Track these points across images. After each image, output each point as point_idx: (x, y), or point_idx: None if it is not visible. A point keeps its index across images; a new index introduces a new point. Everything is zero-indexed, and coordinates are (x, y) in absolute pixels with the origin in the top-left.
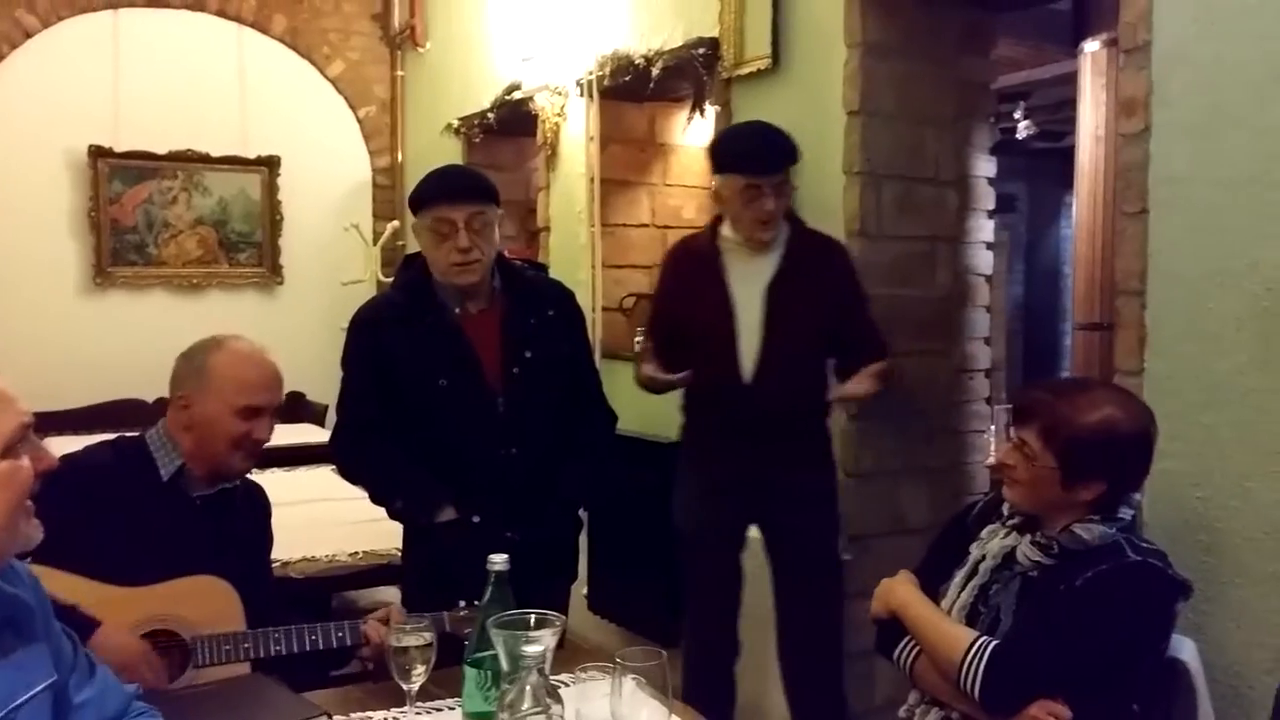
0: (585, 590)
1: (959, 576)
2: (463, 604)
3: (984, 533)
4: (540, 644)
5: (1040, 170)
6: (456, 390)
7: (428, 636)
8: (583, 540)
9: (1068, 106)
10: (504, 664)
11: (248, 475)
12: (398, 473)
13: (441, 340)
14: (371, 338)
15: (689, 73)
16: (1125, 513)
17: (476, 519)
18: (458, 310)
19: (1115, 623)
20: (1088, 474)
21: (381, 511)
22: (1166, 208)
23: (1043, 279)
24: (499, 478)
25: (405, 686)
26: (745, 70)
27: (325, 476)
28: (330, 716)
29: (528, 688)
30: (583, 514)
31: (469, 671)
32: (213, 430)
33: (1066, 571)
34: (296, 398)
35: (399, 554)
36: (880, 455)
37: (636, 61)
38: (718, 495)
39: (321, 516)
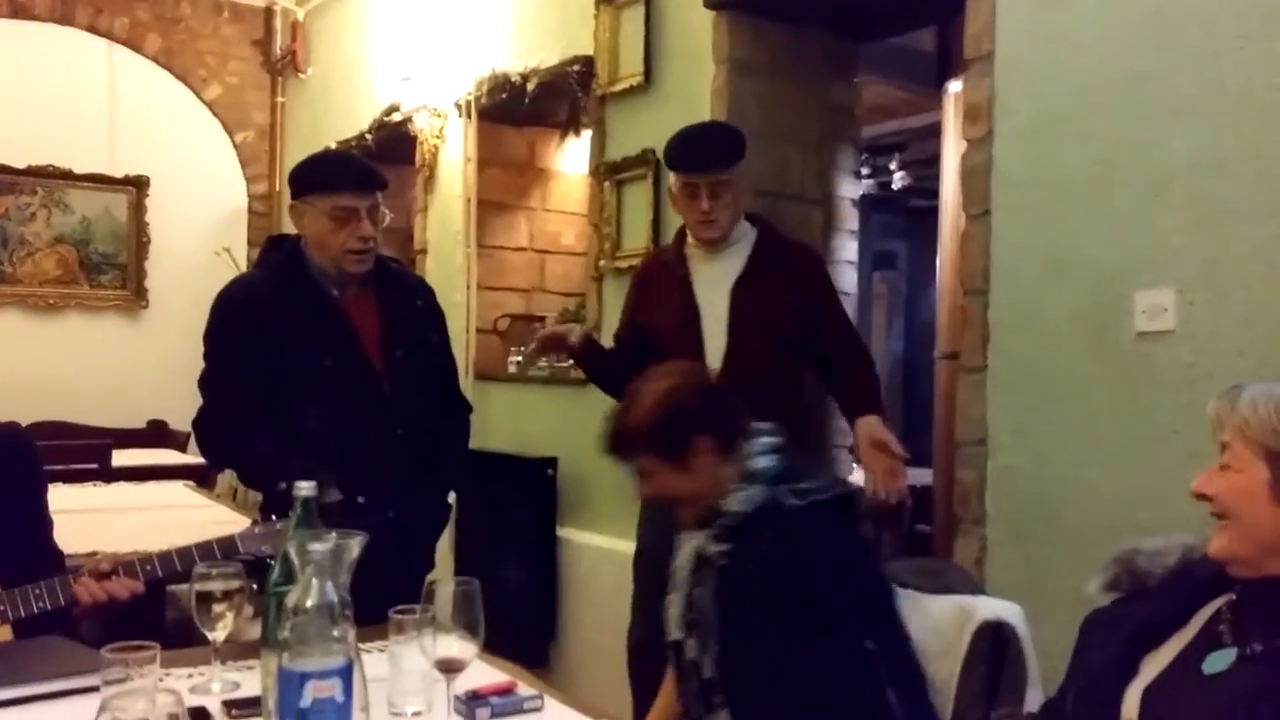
0: None
1: (670, 595)
2: (257, 520)
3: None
4: (328, 544)
5: (919, 229)
6: (342, 372)
7: (234, 583)
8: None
9: (940, 162)
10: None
11: None
12: (278, 456)
13: (324, 322)
14: (247, 317)
15: (564, 90)
16: (760, 461)
17: (361, 499)
18: (335, 293)
19: (800, 582)
20: (681, 442)
21: (233, 516)
22: (1007, 209)
23: (921, 332)
24: (385, 458)
25: (210, 636)
26: (618, 87)
27: (177, 490)
28: (126, 667)
29: (314, 583)
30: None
31: (270, 603)
32: None
33: (744, 550)
34: (159, 426)
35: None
36: None
37: (513, 79)
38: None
39: (164, 521)
